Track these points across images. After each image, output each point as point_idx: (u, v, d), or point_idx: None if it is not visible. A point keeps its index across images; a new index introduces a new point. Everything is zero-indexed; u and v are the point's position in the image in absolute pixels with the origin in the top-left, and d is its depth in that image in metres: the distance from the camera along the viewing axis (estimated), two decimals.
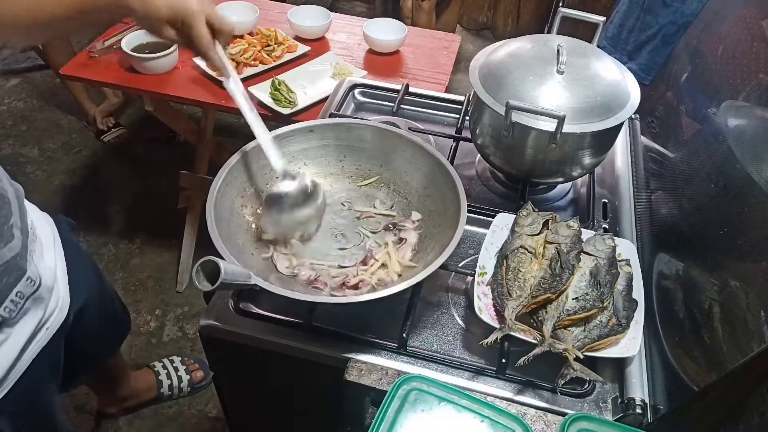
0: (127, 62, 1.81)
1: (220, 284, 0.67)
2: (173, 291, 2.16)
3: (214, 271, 0.68)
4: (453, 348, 0.88)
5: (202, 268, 0.69)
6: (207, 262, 0.69)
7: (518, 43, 1.04)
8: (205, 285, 0.69)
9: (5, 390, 0.86)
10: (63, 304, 0.97)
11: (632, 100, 0.98)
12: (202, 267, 0.69)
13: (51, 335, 0.94)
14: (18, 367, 0.88)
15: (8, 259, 0.80)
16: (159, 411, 1.84)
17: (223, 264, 0.68)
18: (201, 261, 0.69)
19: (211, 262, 0.68)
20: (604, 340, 0.80)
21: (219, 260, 0.68)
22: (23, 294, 0.84)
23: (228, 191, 0.93)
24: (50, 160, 2.61)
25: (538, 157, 0.99)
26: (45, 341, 0.93)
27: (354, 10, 3.65)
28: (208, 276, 0.69)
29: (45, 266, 0.91)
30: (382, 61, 1.94)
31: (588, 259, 0.88)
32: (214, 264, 0.68)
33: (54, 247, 0.98)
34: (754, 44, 0.89)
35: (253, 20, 1.96)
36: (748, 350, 0.64)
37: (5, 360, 0.85)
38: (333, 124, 1.04)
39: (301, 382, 0.95)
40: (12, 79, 3.05)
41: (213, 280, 0.68)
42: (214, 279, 0.68)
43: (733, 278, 0.73)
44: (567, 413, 0.76)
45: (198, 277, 0.69)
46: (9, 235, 0.81)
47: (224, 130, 2.64)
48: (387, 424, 0.68)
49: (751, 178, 0.75)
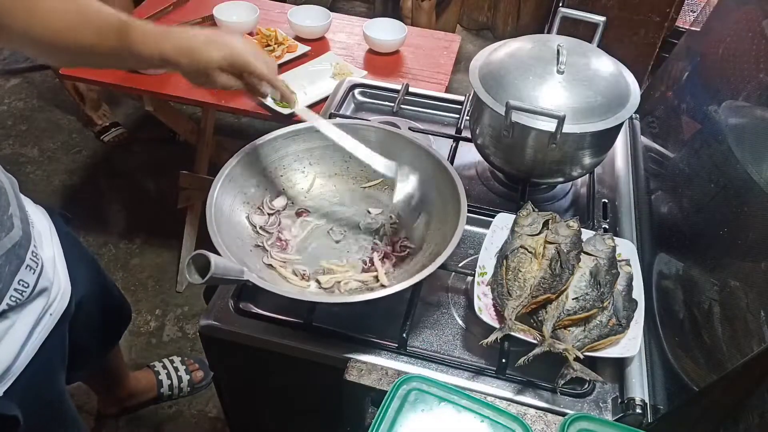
0: None
1: (210, 278, 0.68)
2: (173, 291, 2.16)
3: (205, 265, 0.69)
4: (453, 348, 0.88)
5: (194, 262, 0.70)
6: (199, 255, 0.69)
7: (518, 43, 1.04)
8: (196, 278, 0.69)
9: (14, 376, 0.86)
10: (65, 291, 0.97)
11: (632, 100, 0.98)
12: (194, 260, 0.70)
13: (56, 321, 0.94)
14: (26, 353, 0.88)
15: (9, 248, 0.80)
16: (159, 411, 1.84)
17: (214, 258, 0.68)
18: (193, 254, 0.70)
19: (202, 257, 0.69)
20: (604, 340, 0.80)
21: (210, 254, 0.69)
22: (26, 283, 0.84)
23: (228, 191, 0.93)
24: (50, 160, 2.61)
25: (538, 157, 0.99)
26: (51, 327, 0.93)
27: (354, 10, 3.64)
28: (199, 270, 0.70)
29: (45, 256, 0.91)
30: (382, 61, 1.94)
31: (588, 259, 0.88)
32: (205, 258, 0.68)
33: (51, 238, 0.98)
34: (754, 44, 0.89)
35: (253, 20, 1.96)
36: (748, 350, 0.64)
37: (13, 346, 0.85)
38: (338, 125, 1.04)
39: (301, 382, 0.95)
40: (12, 79, 3.05)
41: (204, 274, 0.69)
42: (206, 273, 0.68)
43: (733, 278, 0.73)
44: (567, 413, 0.76)
45: (189, 270, 0.70)
46: (9, 225, 0.82)
47: (224, 130, 2.64)
48: (387, 424, 0.68)
49: (751, 178, 0.75)
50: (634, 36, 1.97)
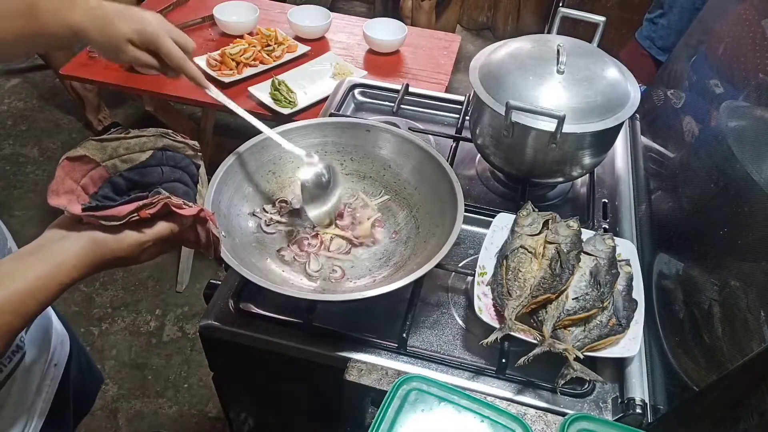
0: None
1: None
2: (173, 291, 2.16)
3: None
4: (453, 348, 0.88)
5: None
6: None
7: (518, 43, 1.04)
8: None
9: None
10: (63, 337, 0.97)
11: (632, 100, 0.98)
12: None
13: (61, 371, 0.94)
14: (39, 408, 0.87)
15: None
16: (159, 411, 1.84)
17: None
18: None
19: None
20: (604, 340, 0.80)
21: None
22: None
23: (225, 190, 0.93)
24: (50, 160, 2.61)
25: (538, 157, 0.99)
26: (58, 379, 0.93)
27: (354, 10, 3.65)
28: None
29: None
30: (382, 61, 1.94)
31: (588, 259, 0.88)
32: None
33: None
34: (755, 44, 0.89)
35: (253, 20, 1.96)
36: (748, 350, 0.64)
37: (22, 405, 0.84)
38: (333, 123, 1.04)
39: (301, 382, 0.95)
40: (12, 79, 3.05)
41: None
42: None
43: (733, 278, 0.73)
44: (567, 413, 0.76)
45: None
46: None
47: (224, 130, 2.64)
48: (387, 424, 0.68)
49: (751, 178, 0.75)
50: (634, 36, 1.98)
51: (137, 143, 0.67)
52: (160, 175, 0.68)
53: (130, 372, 1.94)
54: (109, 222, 0.60)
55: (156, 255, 0.66)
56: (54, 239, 0.60)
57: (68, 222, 0.62)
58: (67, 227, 0.62)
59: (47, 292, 0.58)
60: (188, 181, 0.71)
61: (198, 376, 1.93)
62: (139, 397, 1.88)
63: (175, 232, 0.65)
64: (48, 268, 0.58)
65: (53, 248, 0.60)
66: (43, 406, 0.88)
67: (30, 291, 0.57)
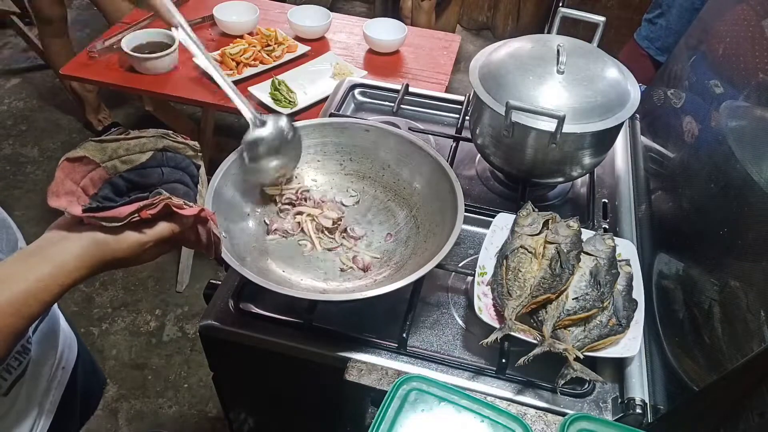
0: (126, 62, 1.81)
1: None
2: (173, 291, 2.16)
3: None
4: (453, 348, 0.88)
5: None
6: None
7: (518, 43, 1.04)
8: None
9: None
10: (71, 340, 0.97)
11: (632, 100, 0.98)
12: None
13: (68, 374, 0.94)
14: (46, 408, 0.87)
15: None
16: (159, 411, 1.84)
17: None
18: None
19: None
20: (604, 340, 0.80)
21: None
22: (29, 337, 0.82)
23: (225, 191, 0.93)
24: (50, 160, 2.61)
25: (538, 157, 0.99)
26: (65, 381, 0.93)
27: (354, 10, 3.65)
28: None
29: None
30: (382, 61, 1.94)
31: (588, 259, 0.88)
32: None
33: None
34: (754, 44, 0.89)
35: (253, 20, 1.96)
36: (748, 350, 0.64)
37: (30, 405, 0.84)
38: (333, 123, 1.04)
39: (301, 382, 0.95)
40: (12, 79, 3.05)
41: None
42: None
43: (733, 278, 0.73)
44: (567, 413, 0.75)
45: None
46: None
47: (224, 130, 2.64)
48: (387, 424, 0.68)
49: (751, 178, 0.75)
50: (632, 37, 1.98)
51: (137, 144, 0.67)
52: (160, 176, 0.68)
53: (130, 372, 1.94)
54: (109, 223, 0.60)
55: (157, 255, 0.66)
56: (54, 240, 0.60)
57: (68, 223, 0.62)
58: (67, 228, 0.61)
59: (48, 293, 0.58)
60: (188, 181, 0.70)
61: (198, 376, 1.93)
62: (139, 397, 1.88)
63: (176, 232, 0.65)
64: (49, 270, 0.58)
65: (54, 249, 0.59)
66: (51, 406, 0.89)
67: (31, 292, 0.57)
